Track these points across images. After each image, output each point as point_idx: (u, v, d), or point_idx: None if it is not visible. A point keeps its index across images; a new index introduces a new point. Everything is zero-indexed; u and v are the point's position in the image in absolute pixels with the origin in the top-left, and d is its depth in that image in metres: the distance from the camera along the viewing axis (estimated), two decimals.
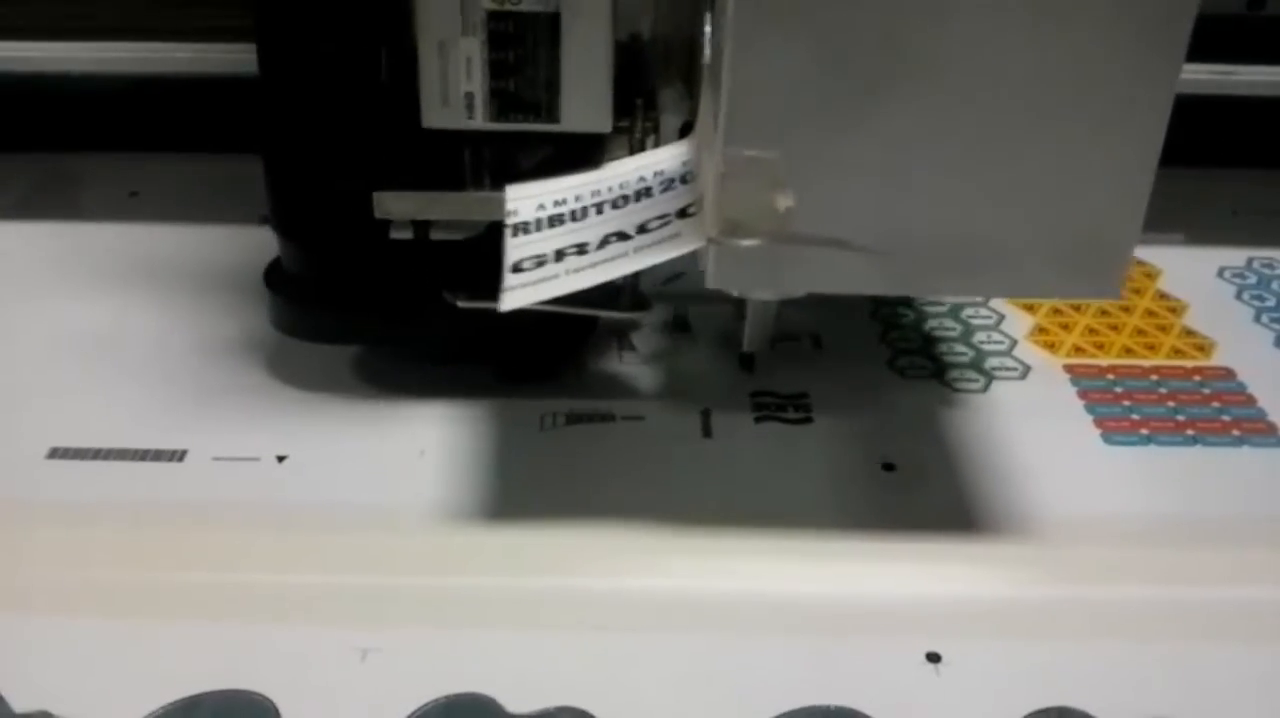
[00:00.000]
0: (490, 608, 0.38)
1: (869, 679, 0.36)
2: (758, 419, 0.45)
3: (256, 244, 0.55)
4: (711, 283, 0.35)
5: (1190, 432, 0.46)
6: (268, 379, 0.47)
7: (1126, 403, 0.47)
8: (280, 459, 0.43)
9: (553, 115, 0.38)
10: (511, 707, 0.34)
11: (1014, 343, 0.50)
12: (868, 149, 0.33)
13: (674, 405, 0.46)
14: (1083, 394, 0.47)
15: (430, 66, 0.37)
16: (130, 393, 0.46)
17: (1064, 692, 0.35)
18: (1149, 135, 0.33)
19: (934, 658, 0.36)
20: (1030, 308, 0.53)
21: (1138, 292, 0.54)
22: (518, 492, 0.42)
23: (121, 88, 0.61)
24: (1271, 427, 0.46)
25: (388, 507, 0.41)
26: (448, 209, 0.40)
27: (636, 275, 0.39)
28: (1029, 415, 0.46)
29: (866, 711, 0.34)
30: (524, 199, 0.35)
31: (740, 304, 0.44)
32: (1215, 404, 0.47)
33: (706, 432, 0.45)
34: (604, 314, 0.43)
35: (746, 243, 0.33)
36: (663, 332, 0.50)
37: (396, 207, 0.39)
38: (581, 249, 0.34)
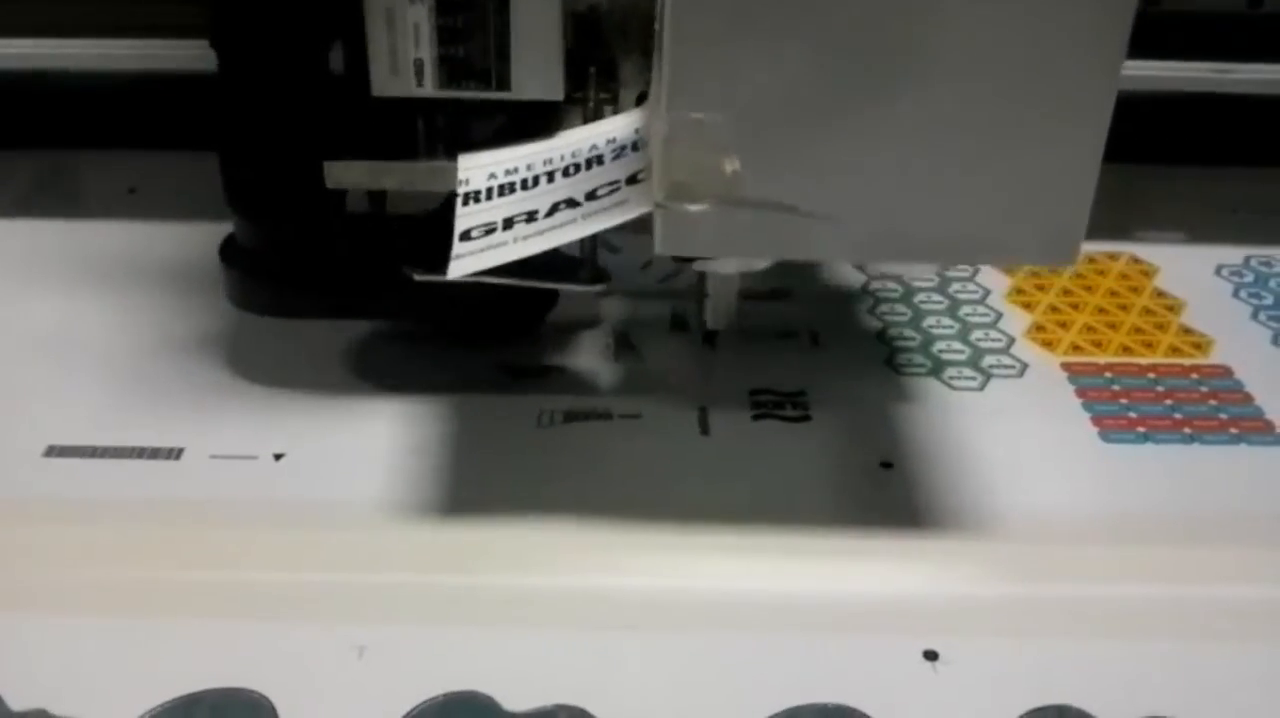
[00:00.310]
0: (488, 606, 0.38)
1: (866, 677, 0.36)
2: (755, 417, 0.45)
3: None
4: (659, 248, 0.34)
5: (1188, 430, 0.46)
6: (264, 377, 0.47)
7: (1124, 401, 0.47)
8: (277, 457, 0.43)
9: (503, 83, 0.37)
10: (509, 705, 0.34)
11: (1012, 341, 0.50)
12: (817, 112, 0.32)
13: (671, 403, 0.46)
14: (1080, 392, 0.47)
15: (378, 34, 0.37)
16: (126, 391, 0.46)
17: (1061, 690, 0.35)
18: (1099, 102, 0.32)
19: (931, 656, 0.36)
20: (1028, 306, 0.53)
21: (1135, 290, 0.54)
22: (515, 489, 0.42)
23: (120, 85, 0.61)
24: (1269, 424, 0.46)
25: (385, 504, 0.41)
26: (399, 178, 0.39)
27: (594, 248, 0.40)
28: (1026, 413, 0.46)
29: (864, 709, 0.35)
30: (476, 168, 0.35)
31: (701, 282, 0.43)
32: (1213, 402, 0.47)
33: (704, 429, 0.45)
34: (563, 287, 0.42)
35: (693, 208, 0.33)
36: (661, 330, 0.50)
37: (347, 176, 0.39)
38: (531, 217, 0.35)
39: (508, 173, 0.36)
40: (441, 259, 0.35)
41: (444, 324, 0.46)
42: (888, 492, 0.42)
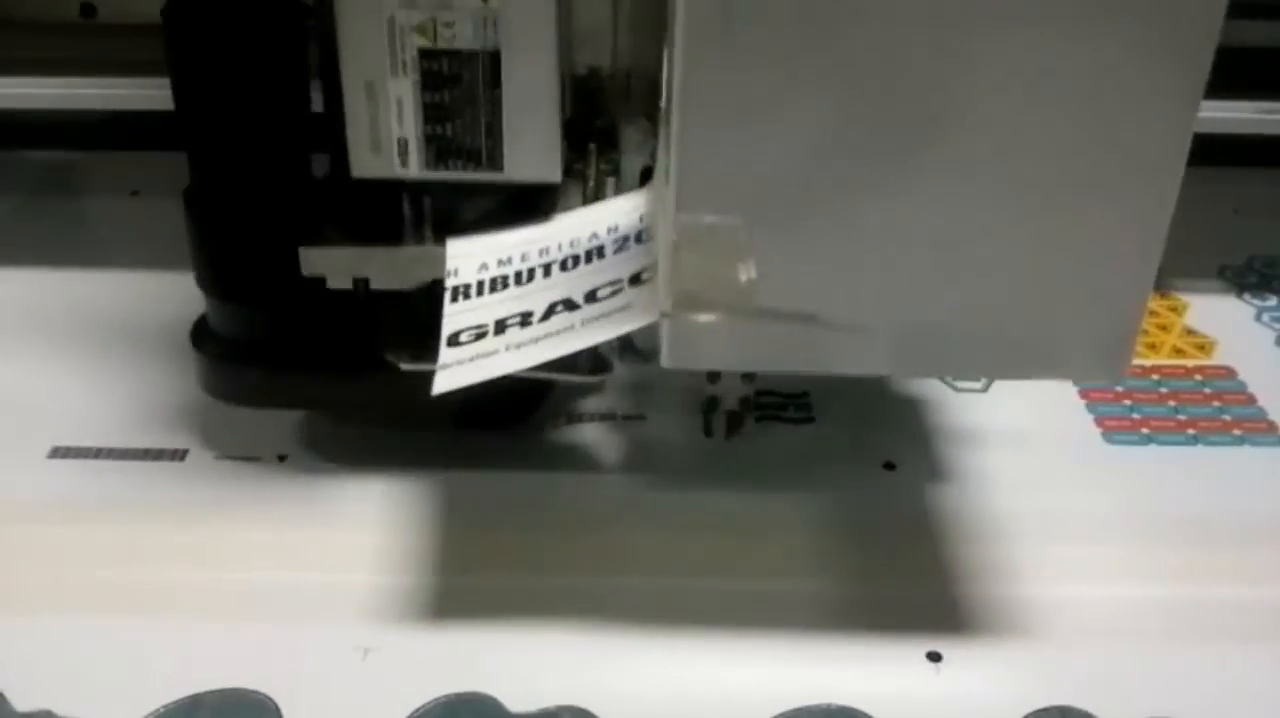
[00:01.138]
0: (491, 608, 0.38)
1: (870, 679, 0.36)
2: (759, 419, 0.45)
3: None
4: (666, 361, 0.30)
5: (1191, 431, 0.46)
6: None
7: (1127, 402, 0.47)
8: (281, 458, 0.43)
9: (495, 163, 0.34)
10: (513, 706, 0.34)
11: None
12: (841, 211, 0.28)
13: (675, 405, 0.46)
14: (1084, 393, 0.47)
15: (358, 110, 0.34)
16: (132, 392, 0.46)
17: (1064, 691, 0.35)
18: (1158, 205, 0.29)
19: (935, 658, 0.36)
20: None
21: None
22: (520, 491, 0.42)
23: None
24: (1272, 425, 0.46)
25: (388, 506, 0.41)
26: (381, 267, 0.36)
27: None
28: (1030, 415, 0.46)
29: (867, 710, 0.35)
30: (465, 257, 0.32)
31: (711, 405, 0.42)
32: (1216, 403, 0.47)
33: (707, 431, 0.45)
34: (563, 378, 0.38)
35: (704, 318, 0.29)
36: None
37: (326, 264, 0.36)
38: (525, 320, 0.31)
39: (500, 263, 0.32)
40: (428, 344, 0.32)
41: (431, 418, 0.42)
42: (891, 493, 0.42)
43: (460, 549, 0.40)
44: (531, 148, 0.34)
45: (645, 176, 0.34)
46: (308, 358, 0.39)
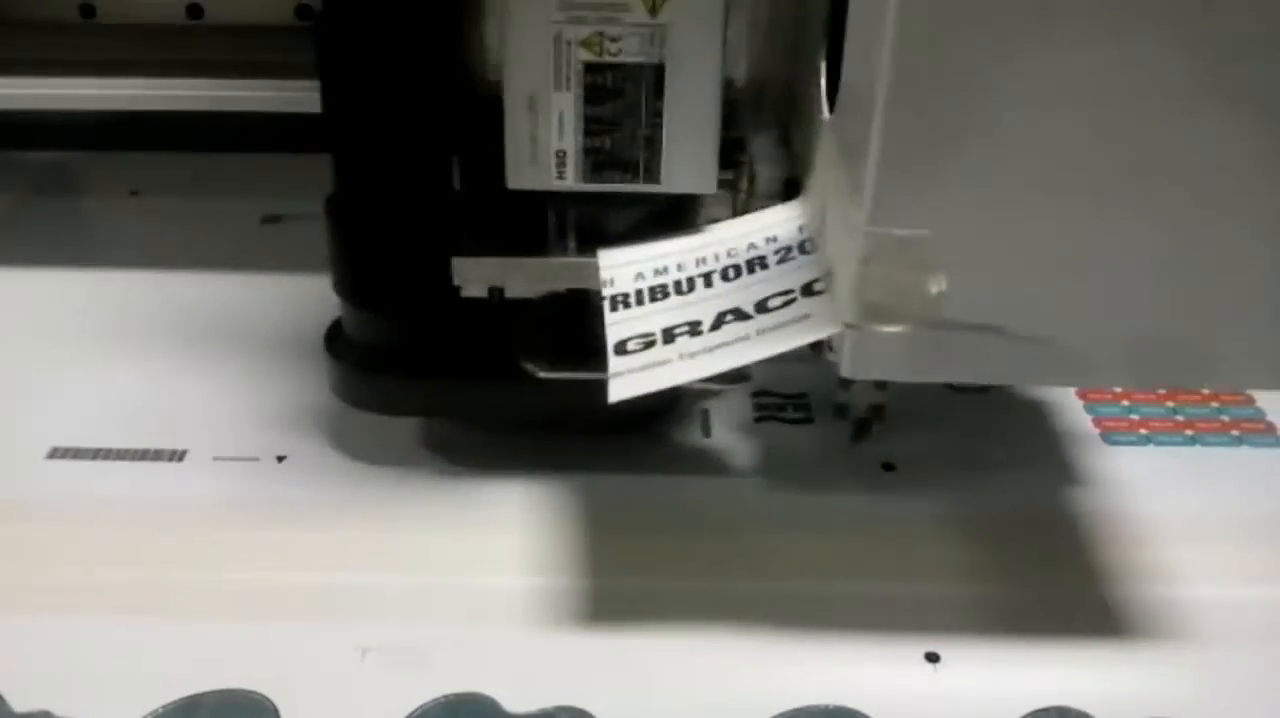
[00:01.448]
0: (489, 608, 0.38)
1: (868, 679, 0.36)
2: (758, 419, 0.45)
3: (257, 244, 0.55)
4: (847, 372, 0.30)
5: (1189, 432, 0.46)
6: (266, 378, 0.47)
7: (1126, 403, 0.47)
8: (280, 459, 0.43)
9: (652, 175, 0.34)
10: (511, 706, 0.34)
11: None
12: (1031, 227, 0.29)
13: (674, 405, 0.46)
14: (1082, 394, 0.47)
15: (518, 123, 0.34)
16: (131, 392, 0.46)
17: (1064, 691, 0.35)
18: None
19: (933, 658, 0.36)
20: None
21: None
22: (517, 491, 0.42)
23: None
24: (1270, 426, 0.46)
25: (387, 505, 0.41)
26: (530, 276, 0.36)
27: None
28: (1029, 415, 0.46)
29: (865, 711, 0.35)
30: (620, 267, 0.32)
31: (846, 383, 0.42)
32: (1214, 404, 0.47)
33: (706, 432, 0.45)
34: (703, 388, 0.39)
35: (890, 329, 0.29)
36: None
37: (476, 273, 0.36)
38: (695, 329, 0.30)
39: (656, 273, 0.32)
40: (563, 352, 0.33)
41: (565, 424, 0.42)
42: (889, 494, 0.42)
43: (459, 549, 0.40)
44: (689, 160, 0.34)
45: (789, 188, 0.33)
46: (444, 366, 0.40)
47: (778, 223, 0.32)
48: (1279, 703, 0.35)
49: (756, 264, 0.32)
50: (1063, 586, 0.39)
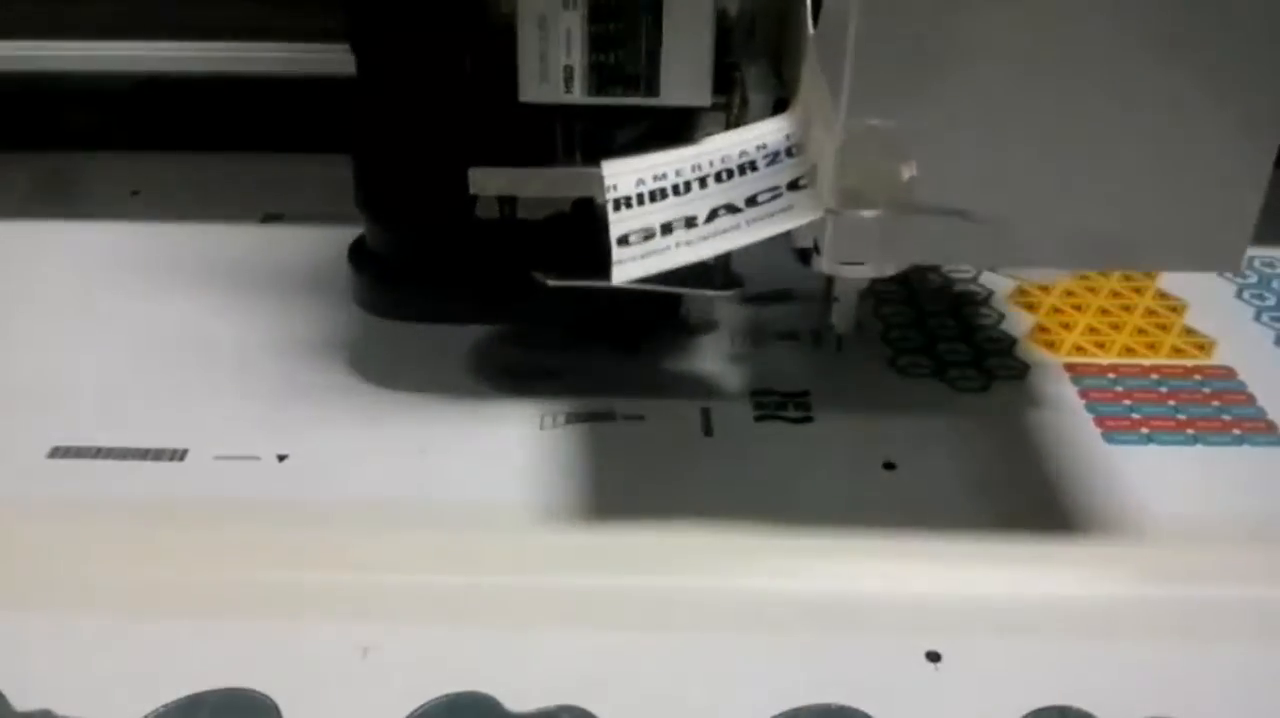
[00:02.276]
0: (491, 607, 0.38)
1: (869, 678, 0.36)
2: (758, 418, 0.45)
3: (255, 242, 0.55)
4: (830, 254, 0.34)
5: (1190, 431, 0.46)
6: (267, 377, 0.47)
7: (1127, 402, 0.47)
8: (281, 458, 0.43)
9: (652, 89, 0.38)
10: (512, 706, 0.34)
11: (1015, 342, 0.50)
12: (994, 119, 0.33)
13: (674, 404, 0.46)
14: (1083, 393, 0.47)
15: (530, 41, 0.37)
16: (132, 392, 0.46)
17: (1064, 691, 0.35)
18: (1272, 115, 0.33)
19: (934, 657, 0.36)
20: (1031, 308, 0.53)
21: (1138, 291, 0.54)
22: (517, 491, 0.42)
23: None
24: (1271, 425, 0.46)
25: (387, 505, 0.41)
26: (541, 185, 0.40)
27: (728, 254, 0.39)
28: (1029, 414, 0.46)
29: (866, 709, 0.35)
30: (622, 174, 0.35)
31: (828, 286, 0.44)
32: (1215, 403, 0.47)
33: (707, 431, 0.45)
34: (697, 293, 0.42)
35: (867, 214, 0.33)
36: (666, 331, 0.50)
37: (490, 182, 0.40)
38: (690, 223, 0.34)
39: (656, 179, 0.35)
40: (571, 264, 0.36)
41: (573, 327, 0.47)
42: (890, 493, 0.42)
43: (459, 548, 0.40)
44: (686, 74, 0.38)
45: (777, 108, 0.37)
46: (458, 275, 0.44)
47: (767, 132, 0.35)
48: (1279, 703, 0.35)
49: (747, 167, 0.34)
50: (1063, 584, 0.39)
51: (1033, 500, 0.42)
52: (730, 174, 0.34)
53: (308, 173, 0.59)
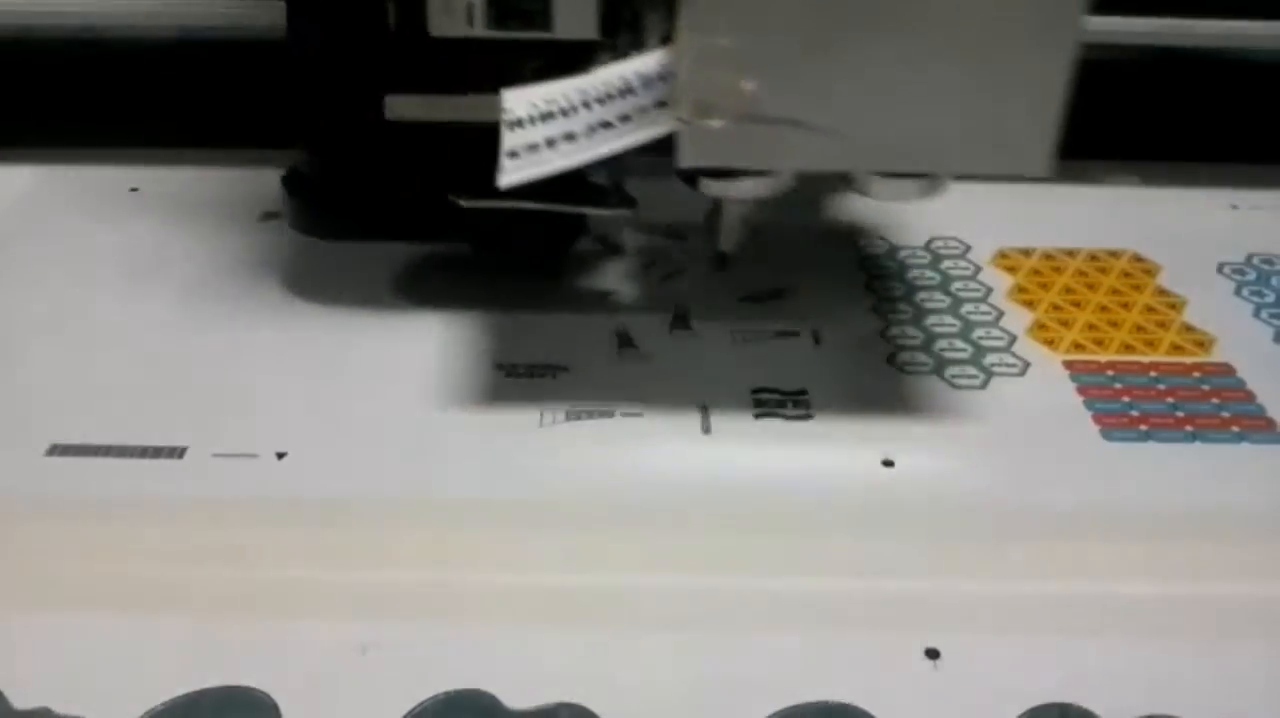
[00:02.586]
0: (490, 604, 0.38)
1: (868, 676, 0.36)
2: (757, 416, 0.45)
3: (254, 240, 0.55)
4: (684, 160, 0.39)
5: (1189, 428, 0.46)
6: (264, 375, 0.47)
7: (1126, 399, 0.47)
8: (280, 456, 0.43)
9: (546, 23, 0.42)
10: (511, 703, 0.34)
11: (1014, 339, 0.50)
12: (822, 38, 0.37)
13: (673, 402, 0.46)
14: (1082, 390, 0.47)
15: None
16: (130, 389, 0.46)
17: (1063, 688, 0.35)
18: (1065, 33, 0.37)
19: (933, 654, 0.36)
20: (1030, 305, 0.53)
21: (1137, 288, 0.54)
22: (516, 488, 0.42)
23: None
24: (1271, 423, 0.46)
25: (387, 502, 0.41)
26: (452, 111, 0.44)
27: (622, 176, 0.46)
28: (1028, 412, 0.46)
29: (865, 707, 0.35)
30: (519, 100, 0.39)
31: (715, 208, 0.49)
32: (1214, 400, 0.47)
33: (705, 428, 0.45)
34: (593, 211, 0.47)
35: (714, 123, 0.38)
36: (663, 328, 0.50)
37: (405, 109, 0.45)
38: (570, 137, 0.39)
39: (547, 102, 0.39)
40: (485, 189, 0.40)
41: (485, 245, 0.50)
42: (889, 490, 0.42)
43: (458, 545, 0.40)
44: (574, 9, 0.42)
45: (664, 43, 0.40)
46: (381, 196, 0.48)
47: (647, 64, 0.39)
48: None
49: (626, 92, 0.39)
50: (1063, 582, 0.39)
51: (1031, 498, 0.42)
52: (610, 98, 0.39)
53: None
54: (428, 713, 0.34)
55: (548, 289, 0.52)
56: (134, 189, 0.60)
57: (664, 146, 0.45)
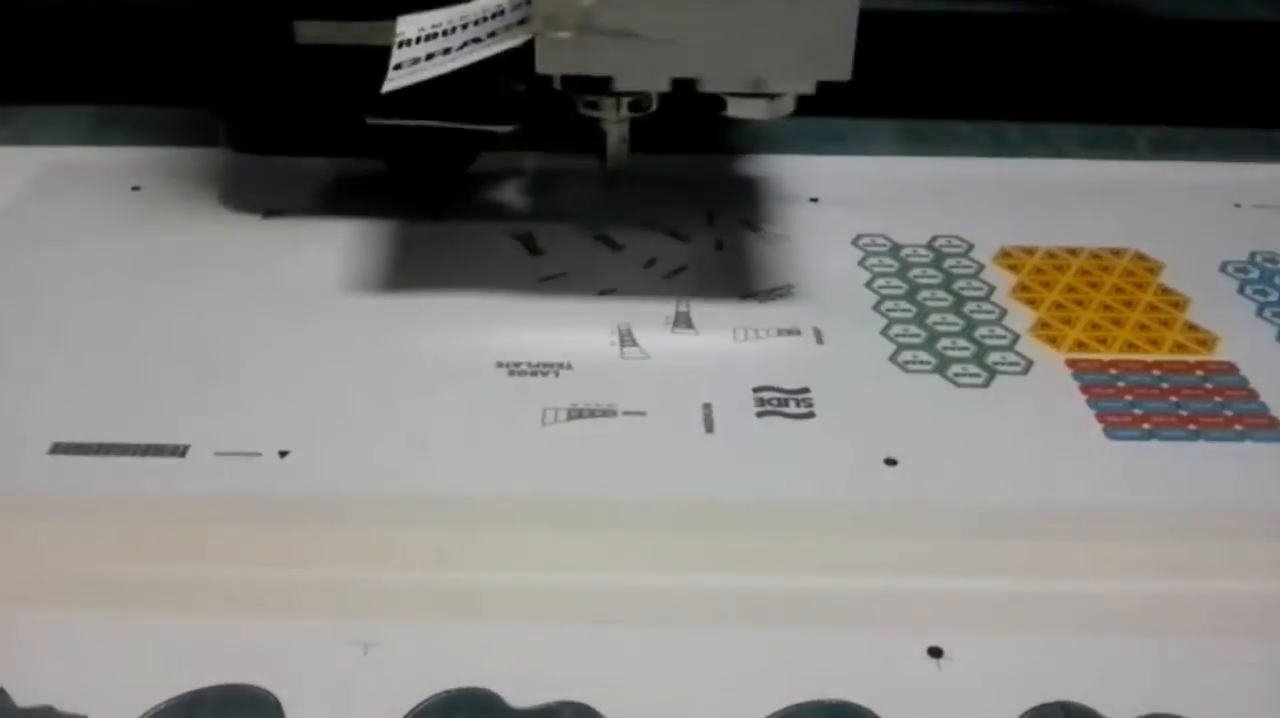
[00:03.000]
0: (492, 603, 0.38)
1: (870, 674, 0.36)
2: (760, 414, 0.45)
3: (252, 237, 0.55)
4: (539, 67, 0.46)
5: (1193, 426, 0.46)
6: (269, 373, 0.47)
7: (1129, 398, 0.47)
8: (282, 455, 0.43)
9: None
10: (513, 701, 0.34)
11: (1016, 338, 0.50)
12: None
13: (676, 400, 0.46)
14: (1085, 389, 0.47)
15: None
16: (132, 388, 0.46)
17: (1066, 687, 0.35)
18: None
19: (936, 653, 0.36)
20: (1033, 303, 0.53)
21: (1140, 286, 0.54)
22: (519, 486, 0.42)
23: None
24: (1274, 421, 0.46)
25: (389, 500, 0.41)
26: (355, 35, 0.50)
27: (509, 97, 0.51)
28: (1031, 410, 0.46)
29: (868, 705, 0.35)
30: (409, 23, 0.44)
31: (601, 140, 0.55)
32: (1218, 399, 0.47)
33: (708, 427, 0.45)
34: (483, 127, 0.52)
35: (561, 35, 0.45)
36: (665, 327, 0.50)
37: (314, 32, 0.51)
38: (446, 51, 0.45)
39: (433, 25, 0.44)
40: (390, 108, 0.45)
41: (394, 158, 0.58)
42: (892, 489, 0.42)
43: (461, 544, 0.40)
44: None
45: None
46: (300, 114, 0.54)
47: None
48: None
49: (498, 14, 0.45)
50: (1065, 580, 0.39)
51: (1034, 496, 0.42)
52: (485, 20, 0.45)
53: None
54: (430, 711, 0.34)
55: (550, 286, 0.52)
56: (136, 188, 0.60)
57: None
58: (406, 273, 0.53)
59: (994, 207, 0.60)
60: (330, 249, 0.54)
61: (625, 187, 0.57)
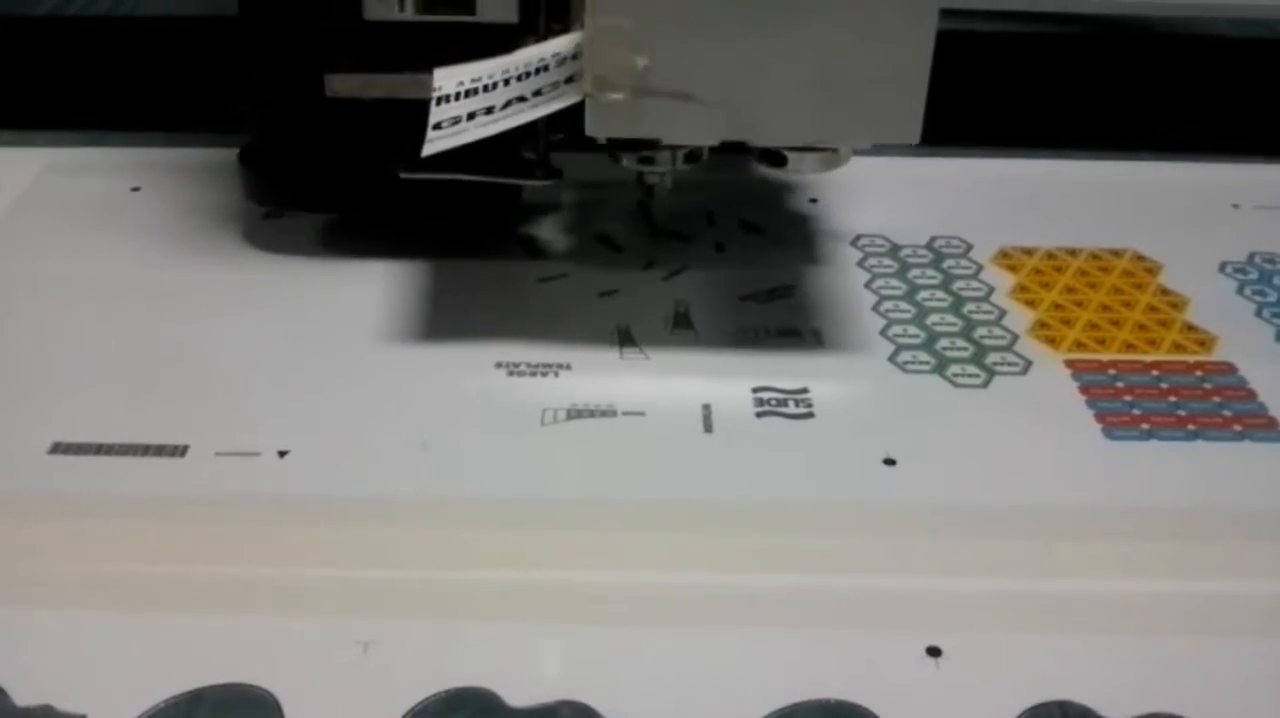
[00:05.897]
0: (492, 602, 0.38)
1: (869, 674, 0.36)
2: (759, 414, 0.45)
3: (252, 237, 0.55)
4: (590, 130, 0.43)
5: (1191, 427, 0.46)
6: (269, 373, 0.47)
7: (1128, 398, 0.47)
8: (282, 454, 0.43)
9: (469, 8, 0.47)
10: (512, 701, 0.34)
11: (1015, 338, 0.50)
12: (708, 22, 0.42)
13: (675, 401, 0.46)
14: (1084, 389, 0.47)
15: None
16: (131, 388, 0.46)
17: (1064, 686, 0.35)
18: (925, 14, 0.42)
19: (934, 652, 0.36)
20: (1032, 304, 0.53)
21: (1139, 287, 0.54)
22: (518, 486, 0.42)
23: None
24: (1272, 421, 0.46)
25: (388, 500, 0.41)
26: (386, 88, 0.48)
27: (548, 151, 0.50)
28: (1030, 411, 0.46)
29: (867, 705, 0.35)
30: (448, 78, 0.42)
31: (648, 190, 0.54)
32: (1216, 399, 0.47)
33: (707, 427, 0.45)
34: (523, 183, 0.51)
35: (613, 96, 0.42)
36: (664, 328, 0.50)
37: (344, 86, 0.49)
38: (489, 110, 0.42)
39: (473, 80, 0.42)
40: (422, 161, 0.42)
41: (425, 215, 0.54)
42: (891, 489, 0.42)
43: (460, 543, 0.40)
44: None
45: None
46: (334, 170, 0.51)
47: (561, 44, 0.43)
48: None
49: (541, 70, 0.43)
50: (1064, 580, 0.39)
51: (1033, 497, 0.42)
52: (528, 75, 0.43)
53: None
54: (429, 711, 0.34)
55: (549, 287, 0.52)
56: (135, 188, 0.60)
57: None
58: (406, 272, 0.53)
59: (993, 207, 0.60)
60: (330, 249, 0.54)
61: (628, 190, 0.56)
